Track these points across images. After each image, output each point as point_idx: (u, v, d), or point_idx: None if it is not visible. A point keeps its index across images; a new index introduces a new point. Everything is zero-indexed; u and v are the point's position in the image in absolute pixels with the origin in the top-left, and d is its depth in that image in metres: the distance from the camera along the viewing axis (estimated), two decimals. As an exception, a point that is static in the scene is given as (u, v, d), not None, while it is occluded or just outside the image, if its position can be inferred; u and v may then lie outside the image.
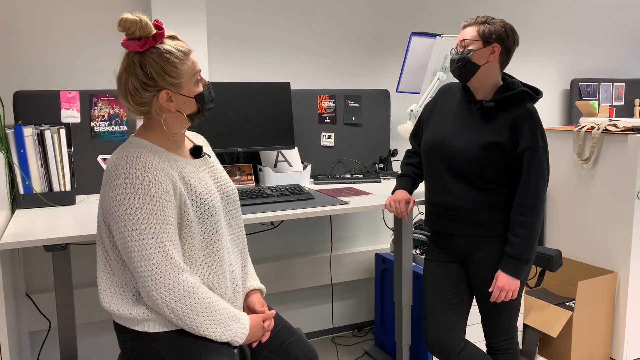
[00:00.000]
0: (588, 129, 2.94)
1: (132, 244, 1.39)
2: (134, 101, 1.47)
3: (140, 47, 1.43)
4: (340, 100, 2.94)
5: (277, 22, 2.89)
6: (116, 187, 1.40)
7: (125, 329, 1.51)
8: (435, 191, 2.01)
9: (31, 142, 2.11)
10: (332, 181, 2.71)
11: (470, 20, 1.93)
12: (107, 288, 1.50)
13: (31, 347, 2.48)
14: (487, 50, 1.88)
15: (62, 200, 2.17)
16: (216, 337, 1.48)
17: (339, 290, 3.20)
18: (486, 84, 1.93)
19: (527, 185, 1.85)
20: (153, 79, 1.44)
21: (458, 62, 1.91)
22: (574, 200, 3.07)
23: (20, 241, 1.63)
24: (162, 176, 1.43)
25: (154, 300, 1.41)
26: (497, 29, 1.89)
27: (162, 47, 1.44)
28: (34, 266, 2.47)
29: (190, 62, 1.48)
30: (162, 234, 1.40)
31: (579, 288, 2.74)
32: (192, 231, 1.48)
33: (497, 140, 1.87)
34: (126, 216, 1.39)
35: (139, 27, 1.41)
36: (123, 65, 1.47)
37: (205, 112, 1.55)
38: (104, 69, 2.53)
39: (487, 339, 2.10)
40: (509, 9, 3.55)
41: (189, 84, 1.49)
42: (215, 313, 1.47)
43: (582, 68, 3.93)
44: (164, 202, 1.41)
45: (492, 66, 1.90)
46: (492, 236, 1.94)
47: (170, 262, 1.40)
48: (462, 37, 1.92)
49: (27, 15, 2.38)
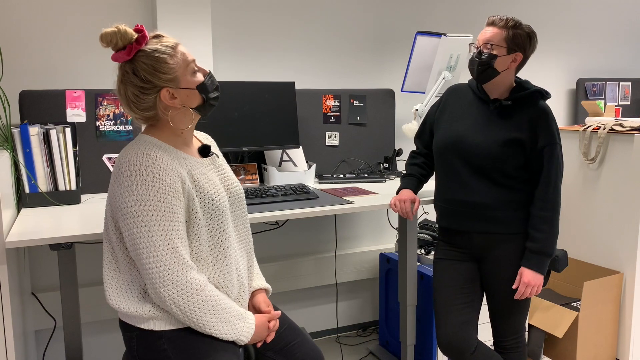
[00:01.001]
0: (594, 129, 2.93)
1: (140, 241, 1.39)
2: (138, 108, 1.48)
3: (127, 54, 1.44)
4: (345, 99, 2.93)
5: (281, 21, 2.89)
6: (125, 184, 1.41)
7: (131, 327, 1.51)
8: (451, 188, 2.01)
9: (37, 141, 2.11)
10: (336, 181, 2.70)
11: (500, 21, 1.90)
12: (113, 285, 1.50)
13: (37, 346, 2.49)
14: (509, 58, 1.90)
15: (68, 199, 2.18)
16: (222, 335, 1.48)
17: (343, 290, 3.19)
18: (502, 86, 1.96)
19: (548, 181, 1.89)
20: (149, 81, 1.44)
21: (480, 65, 1.91)
22: (579, 200, 3.05)
23: (26, 240, 1.63)
24: (172, 174, 1.43)
25: (162, 297, 1.41)
26: (524, 37, 1.89)
27: (148, 47, 1.45)
28: (40, 265, 2.48)
29: (180, 54, 1.48)
30: (170, 231, 1.40)
31: (584, 288, 2.72)
32: (200, 230, 1.48)
33: (518, 136, 1.89)
34: (135, 213, 1.39)
35: (119, 37, 1.42)
36: (119, 77, 1.48)
37: (211, 102, 1.54)
38: (110, 69, 2.54)
39: (496, 337, 2.10)
40: (515, 8, 3.54)
41: (186, 76, 1.49)
42: (221, 311, 1.47)
43: (588, 67, 3.91)
44: (173, 199, 1.41)
45: (510, 71, 1.94)
46: (511, 233, 1.95)
47: (179, 260, 1.41)
48: (489, 39, 1.90)
49: (34, 16, 2.39)
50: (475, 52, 1.94)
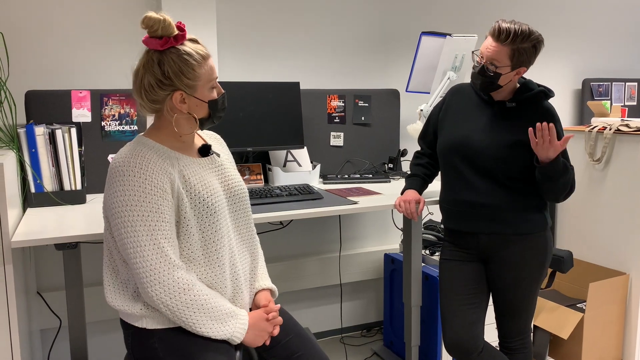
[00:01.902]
0: (600, 129, 2.92)
1: (127, 241, 1.41)
2: (147, 98, 1.49)
3: (160, 45, 1.44)
4: (349, 100, 2.93)
5: (286, 21, 2.89)
6: (115, 184, 1.42)
7: (128, 325, 1.53)
8: (457, 189, 2.00)
9: (42, 141, 2.12)
10: (341, 181, 2.70)
11: (506, 37, 1.81)
12: (111, 284, 1.52)
13: (42, 345, 2.50)
14: (513, 73, 1.89)
15: (73, 199, 2.18)
16: (213, 334, 1.48)
17: (347, 290, 3.19)
18: (505, 91, 1.96)
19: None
20: (169, 78, 1.45)
21: (485, 80, 1.90)
22: (585, 201, 3.04)
23: (32, 239, 1.64)
24: (159, 174, 1.44)
25: (150, 296, 1.42)
26: (529, 52, 1.84)
27: (182, 48, 1.46)
28: (45, 264, 2.48)
29: (207, 67, 1.50)
30: (156, 231, 1.41)
31: (590, 290, 2.71)
32: (190, 230, 1.48)
33: (523, 138, 1.89)
34: (122, 213, 1.41)
35: (161, 26, 1.43)
36: (142, 61, 1.48)
37: (215, 119, 1.57)
38: (115, 69, 2.54)
39: (502, 338, 2.09)
40: (520, 9, 3.53)
41: (204, 89, 1.51)
42: (211, 310, 1.47)
43: (593, 68, 3.90)
44: (160, 199, 1.42)
45: (514, 82, 1.94)
46: (519, 234, 1.94)
47: (164, 259, 1.41)
48: (493, 58, 1.85)
49: (39, 16, 2.39)
50: (479, 67, 1.90)
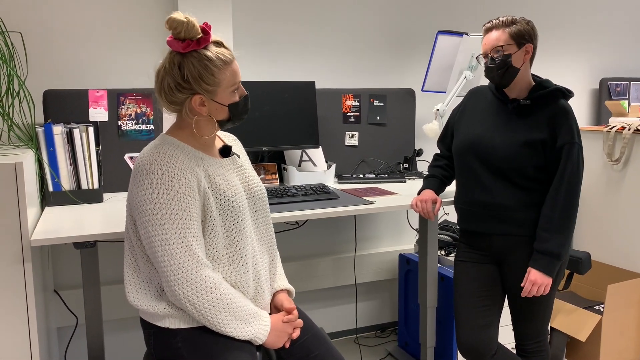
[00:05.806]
0: (619, 129, 2.88)
1: (155, 239, 1.40)
2: (166, 99, 1.49)
3: (182, 48, 1.43)
4: (364, 99, 2.92)
5: (302, 21, 2.89)
6: (142, 182, 1.42)
7: (149, 324, 1.52)
8: (471, 190, 1.99)
9: (60, 140, 2.13)
10: (356, 181, 2.69)
11: (495, 23, 1.90)
12: (133, 283, 1.51)
13: (59, 343, 2.52)
14: (522, 52, 1.88)
15: (90, 198, 2.20)
16: (237, 334, 1.47)
17: (362, 291, 3.18)
18: (522, 83, 1.94)
19: (561, 180, 1.85)
20: (188, 82, 1.45)
21: (499, 68, 1.88)
22: (603, 202, 3.00)
23: (51, 238, 1.65)
24: (187, 173, 1.44)
25: (177, 295, 1.41)
26: (526, 28, 1.88)
27: (204, 52, 1.44)
28: (62, 263, 2.50)
29: (230, 72, 1.48)
30: (185, 229, 1.41)
31: (608, 291, 2.68)
32: (215, 229, 1.48)
33: (538, 137, 1.87)
34: (150, 211, 1.40)
35: (184, 29, 1.41)
36: (164, 62, 1.48)
37: (236, 122, 1.56)
38: (132, 68, 2.56)
39: (518, 341, 2.07)
40: (536, 7, 3.50)
41: (225, 93, 1.49)
42: (236, 310, 1.47)
43: (611, 67, 3.85)
44: (188, 198, 1.42)
45: (526, 66, 1.92)
46: (532, 235, 1.91)
47: (193, 257, 1.41)
48: (495, 44, 1.88)
49: (57, 16, 2.41)
50: (488, 60, 1.91)
